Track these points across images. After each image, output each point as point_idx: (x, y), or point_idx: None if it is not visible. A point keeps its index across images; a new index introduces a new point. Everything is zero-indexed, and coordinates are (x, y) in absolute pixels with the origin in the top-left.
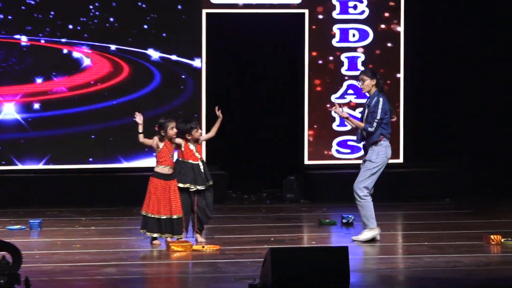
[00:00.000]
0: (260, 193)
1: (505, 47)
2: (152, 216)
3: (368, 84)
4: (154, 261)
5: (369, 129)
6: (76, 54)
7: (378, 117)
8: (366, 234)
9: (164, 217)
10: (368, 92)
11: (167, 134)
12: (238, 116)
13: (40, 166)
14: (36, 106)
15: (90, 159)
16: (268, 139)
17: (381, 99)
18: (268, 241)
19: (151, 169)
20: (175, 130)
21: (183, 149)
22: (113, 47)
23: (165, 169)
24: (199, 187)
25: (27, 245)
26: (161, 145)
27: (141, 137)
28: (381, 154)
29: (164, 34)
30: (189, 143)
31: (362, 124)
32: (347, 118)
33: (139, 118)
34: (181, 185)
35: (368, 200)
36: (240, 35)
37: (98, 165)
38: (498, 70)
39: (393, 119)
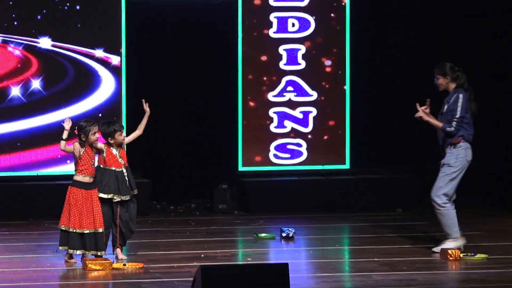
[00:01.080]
0: (188, 203)
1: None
2: (74, 230)
3: (442, 82)
4: (70, 281)
5: (448, 129)
6: None
7: (458, 115)
8: (449, 245)
9: (87, 231)
10: (447, 89)
11: (88, 140)
12: (163, 117)
13: None
14: None
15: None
16: (197, 143)
17: (461, 96)
18: (198, 258)
19: (63, 177)
20: (97, 135)
21: (105, 154)
22: (20, 39)
23: (86, 178)
24: (123, 198)
25: None
26: (82, 151)
27: (63, 144)
28: (460, 158)
29: (79, 25)
30: (111, 148)
31: (440, 124)
32: (426, 117)
33: (67, 124)
34: (103, 195)
35: (448, 208)
36: (165, 27)
37: (4, 173)
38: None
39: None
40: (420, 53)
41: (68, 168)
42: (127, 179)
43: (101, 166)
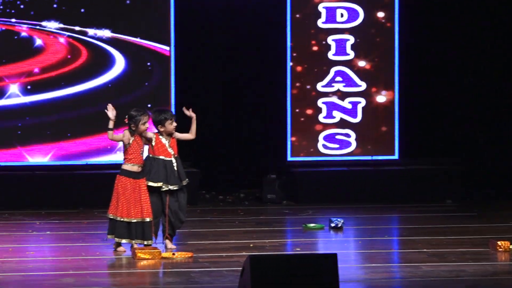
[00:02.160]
0: (237, 193)
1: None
2: (122, 219)
3: None
4: (118, 270)
5: None
6: (28, 37)
7: None
8: None
9: (135, 220)
10: None
11: (138, 129)
12: (212, 108)
13: None
14: None
15: (46, 156)
16: (246, 133)
17: None
18: (247, 248)
19: (113, 166)
20: (147, 125)
21: (154, 143)
22: (69, 29)
23: (134, 167)
24: (171, 187)
25: None
26: (131, 140)
27: (110, 134)
28: None
29: (128, 15)
30: (161, 137)
31: None
32: None
33: (111, 112)
34: (151, 184)
35: None
36: (214, 18)
37: (54, 162)
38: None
39: None
40: (471, 45)
41: (117, 157)
42: (176, 169)
43: (150, 155)
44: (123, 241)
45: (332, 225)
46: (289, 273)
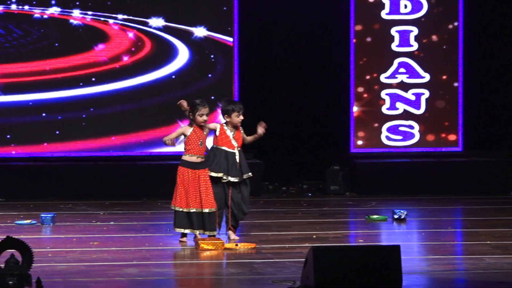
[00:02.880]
0: (300, 184)
1: None
2: (181, 210)
3: None
4: (181, 260)
5: None
6: (90, 28)
7: None
8: None
9: (193, 210)
10: None
11: (195, 119)
12: (276, 99)
13: (52, 153)
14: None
15: (109, 146)
16: (310, 125)
17: None
18: (310, 239)
19: (177, 156)
20: (205, 117)
21: (217, 133)
22: (132, 20)
23: (193, 158)
24: (231, 179)
25: (39, 242)
26: (189, 131)
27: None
28: None
29: (193, 7)
30: (226, 128)
31: None
32: None
33: (184, 103)
34: (213, 174)
35: None
36: (277, 7)
37: (117, 152)
38: None
39: None
40: None
41: (181, 148)
42: (238, 161)
43: (214, 145)
44: (185, 231)
45: (395, 216)
46: (352, 265)
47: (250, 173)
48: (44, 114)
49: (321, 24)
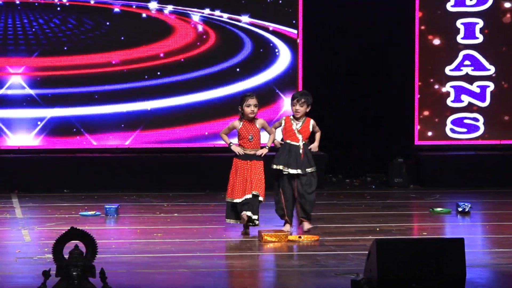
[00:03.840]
0: (364, 177)
1: None
2: (228, 200)
3: None
4: (244, 252)
5: None
6: (157, 19)
7: None
8: None
9: (239, 200)
10: None
11: (243, 111)
12: (339, 91)
13: (116, 144)
14: (109, 79)
15: (173, 138)
16: (374, 117)
17: None
18: (373, 232)
19: None
20: (253, 109)
21: (282, 127)
22: (198, 12)
23: (246, 150)
24: (291, 171)
25: (103, 234)
26: (239, 125)
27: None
28: None
29: None
30: (292, 121)
31: None
32: None
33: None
34: (274, 166)
35: None
36: (340, 0)
37: (182, 144)
38: None
39: None
40: None
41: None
42: (301, 153)
43: (282, 138)
44: (231, 221)
45: (459, 209)
46: (415, 258)
47: (313, 168)
48: (108, 105)
49: (385, 15)
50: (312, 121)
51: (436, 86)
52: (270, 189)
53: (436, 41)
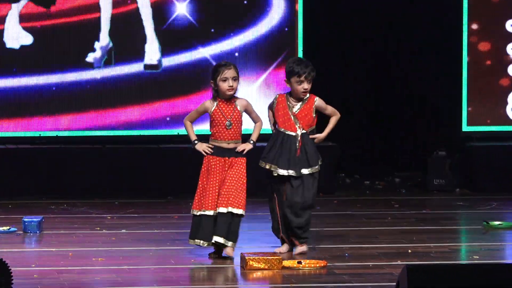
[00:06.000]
0: (390, 177)
1: None
2: (198, 213)
3: None
4: (220, 285)
5: None
6: None
7: None
8: None
9: (219, 211)
10: None
11: (217, 87)
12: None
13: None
14: None
15: (121, 122)
16: (404, 94)
17: None
18: (404, 254)
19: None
20: (230, 83)
21: (274, 107)
22: None
23: (222, 144)
24: (281, 172)
25: (20, 258)
26: (213, 106)
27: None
28: None
29: None
30: (287, 101)
31: None
32: None
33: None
34: (262, 164)
35: None
36: None
37: (132, 131)
38: None
39: None
40: None
41: None
42: (297, 148)
43: (275, 122)
44: (198, 243)
45: None
46: None
47: (313, 168)
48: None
49: None
50: (317, 100)
51: (493, 47)
52: (259, 195)
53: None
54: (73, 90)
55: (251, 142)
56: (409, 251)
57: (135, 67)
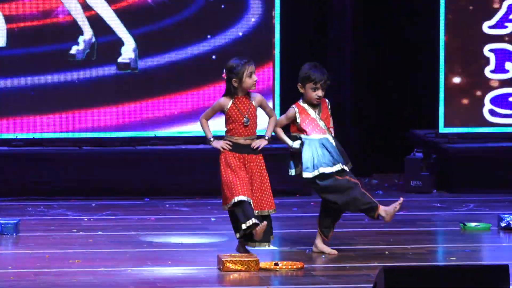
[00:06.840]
0: (368, 178)
1: None
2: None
3: None
4: (198, 286)
5: None
6: None
7: None
8: None
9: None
10: None
11: (240, 83)
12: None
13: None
14: None
15: (100, 124)
16: (381, 94)
17: None
18: (381, 256)
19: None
20: (255, 78)
21: (298, 119)
22: None
23: (239, 140)
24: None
25: None
26: (229, 103)
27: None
28: None
29: None
30: (307, 109)
31: None
32: None
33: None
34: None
35: None
36: None
37: (110, 133)
38: None
39: None
40: None
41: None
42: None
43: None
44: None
45: (503, 224)
46: None
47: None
48: None
49: None
50: (327, 101)
51: (469, 50)
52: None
53: None
54: (50, 91)
55: (266, 138)
56: (386, 252)
57: (111, 69)
